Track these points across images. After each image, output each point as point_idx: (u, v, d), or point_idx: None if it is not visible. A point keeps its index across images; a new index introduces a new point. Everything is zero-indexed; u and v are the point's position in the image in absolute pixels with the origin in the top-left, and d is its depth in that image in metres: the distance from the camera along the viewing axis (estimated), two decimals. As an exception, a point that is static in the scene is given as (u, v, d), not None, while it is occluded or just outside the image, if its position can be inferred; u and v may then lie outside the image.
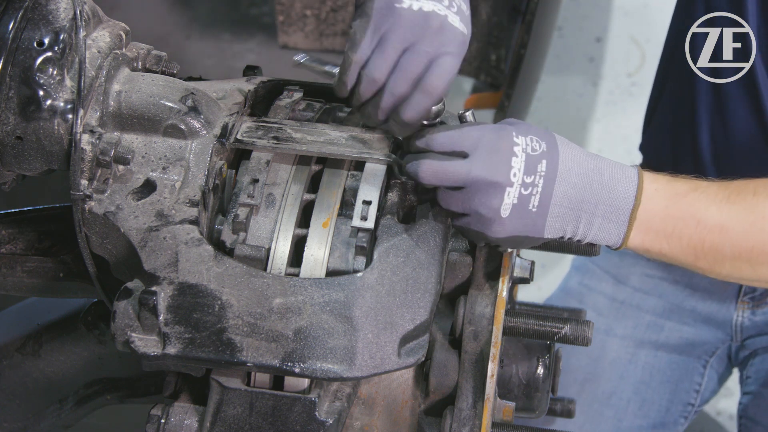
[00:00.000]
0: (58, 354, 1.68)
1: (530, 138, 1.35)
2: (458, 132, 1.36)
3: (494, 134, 1.35)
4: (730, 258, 1.43)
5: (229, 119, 1.44)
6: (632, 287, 2.12)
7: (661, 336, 2.09)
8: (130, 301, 1.31)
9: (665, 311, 2.09)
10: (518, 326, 1.45)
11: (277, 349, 1.28)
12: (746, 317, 2.04)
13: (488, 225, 1.35)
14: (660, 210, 1.40)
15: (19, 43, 1.36)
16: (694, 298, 2.07)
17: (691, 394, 2.10)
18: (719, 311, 2.06)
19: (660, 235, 1.41)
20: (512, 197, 1.34)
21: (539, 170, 1.34)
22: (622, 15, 3.77)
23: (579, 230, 1.38)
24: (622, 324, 2.10)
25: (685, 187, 1.42)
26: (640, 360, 2.08)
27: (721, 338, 2.08)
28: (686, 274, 2.07)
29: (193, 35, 3.53)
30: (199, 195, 1.39)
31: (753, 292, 2.03)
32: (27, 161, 1.39)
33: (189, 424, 1.36)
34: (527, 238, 1.38)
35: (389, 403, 1.43)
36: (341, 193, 1.41)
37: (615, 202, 1.37)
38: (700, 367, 2.09)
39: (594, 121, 3.57)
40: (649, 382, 2.08)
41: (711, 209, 1.41)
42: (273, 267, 1.36)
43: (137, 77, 1.43)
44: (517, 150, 1.34)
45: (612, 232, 1.39)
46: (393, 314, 1.31)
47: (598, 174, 1.37)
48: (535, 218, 1.35)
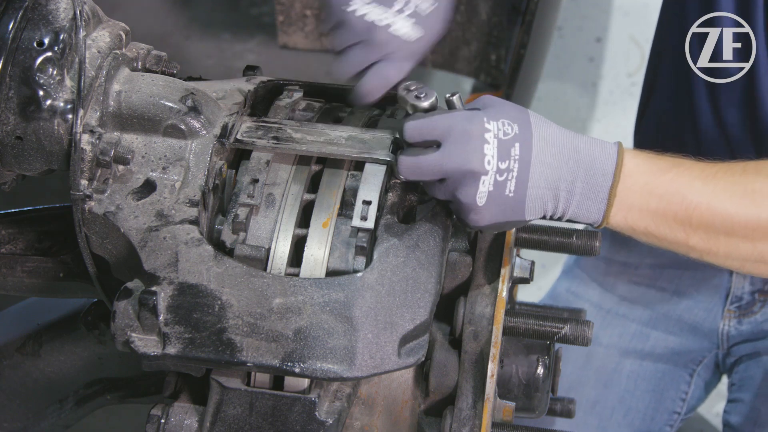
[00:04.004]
0: (58, 354, 1.68)
1: (502, 122, 1.33)
2: (427, 121, 1.36)
3: (465, 122, 1.34)
4: (724, 234, 1.38)
5: (229, 119, 1.44)
6: (619, 296, 2.10)
7: (647, 345, 2.07)
8: (130, 301, 1.30)
9: (651, 320, 2.08)
10: (518, 326, 1.45)
11: (277, 349, 1.28)
12: (732, 326, 2.02)
13: (467, 213, 1.35)
14: (641, 186, 1.36)
15: (19, 43, 1.36)
16: (681, 306, 2.05)
17: (677, 402, 2.08)
18: (706, 320, 2.04)
19: (643, 212, 1.37)
20: (487, 185, 1.32)
21: (513, 154, 1.32)
22: (622, 15, 3.77)
23: (558, 208, 1.36)
24: (608, 332, 2.08)
25: (668, 163, 1.39)
26: (625, 369, 2.07)
27: (707, 347, 2.06)
28: (673, 281, 2.06)
29: (193, 35, 3.53)
30: (199, 195, 1.39)
31: (740, 301, 2.01)
32: (27, 161, 1.39)
33: (189, 424, 1.36)
34: (509, 222, 1.36)
35: (389, 403, 1.43)
36: (341, 193, 1.41)
37: (592, 179, 1.35)
38: (687, 376, 2.07)
39: (594, 121, 3.57)
40: (633, 390, 2.06)
41: (695, 184, 1.37)
42: (273, 267, 1.36)
43: (137, 77, 1.43)
44: (488, 136, 1.32)
45: (592, 209, 1.37)
46: (393, 314, 1.31)
47: (574, 152, 1.35)
48: (513, 203, 1.34)
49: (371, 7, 1.43)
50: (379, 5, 1.43)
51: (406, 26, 1.43)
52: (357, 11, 1.43)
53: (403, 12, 1.43)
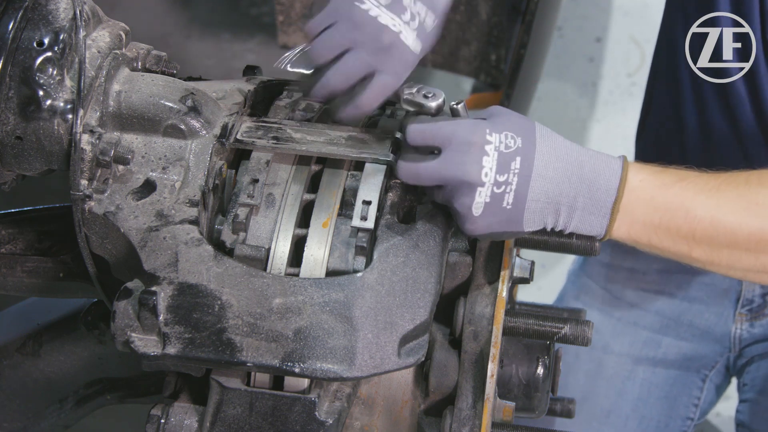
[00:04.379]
0: (58, 354, 1.68)
1: (505, 134, 1.33)
2: (431, 126, 1.35)
3: (467, 131, 1.33)
4: (727, 246, 1.39)
5: (229, 119, 1.44)
6: (628, 303, 2.09)
7: (658, 352, 2.06)
8: (130, 301, 1.30)
9: (662, 327, 2.07)
10: (518, 326, 1.45)
11: (277, 349, 1.28)
12: (744, 329, 2.02)
13: (463, 221, 1.35)
14: (645, 201, 1.37)
15: (19, 43, 1.36)
16: (691, 312, 2.05)
17: (690, 408, 2.07)
18: (717, 324, 2.03)
19: (647, 226, 1.37)
20: (484, 196, 1.32)
21: (513, 168, 1.32)
22: (622, 15, 3.77)
23: (559, 222, 1.37)
24: (619, 341, 2.07)
25: (673, 177, 1.39)
26: (638, 377, 2.06)
27: (719, 351, 2.05)
28: (682, 287, 2.05)
29: (193, 35, 3.53)
30: (199, 195, 1.39)
31: (750, 304, 2.01)
32: (27, 161, 1.39)
33: (189, 424, 1.36)
34: (506, 233, 1.37)
35: (389, 403, 1.43)
36: (341, 193, 1.41)
37: (595, 194, 1.35)
38: (699, 381, 2.07)
39: (594, 121, 3.57)
40: (647, 398, 2.06)
41: (699, 198, 1.37)
42: (273, 267, 1.36)
43: (137, 77, 1.43)
44: (488, 149, 1.32)
45: (594, 223, 1.37)
46: (393, 314, 1.31)
47: (578, 167, 1.35)
48: (511, 215, 1.34)
49: (385, 11, 1.38)
50: (391, 11, 1.38)
51: (411, 37, 1.40)
52: (371, 11, 1.38)
53: (410, 24, 1.39)
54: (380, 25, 1.37)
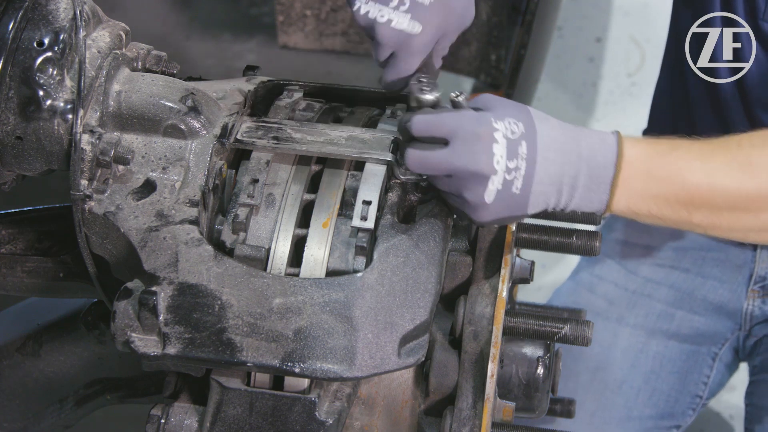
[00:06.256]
0: (58, 354, 1.68)
1: (508, 121, 1.34)
2: (436, 117, 1.36)
3: (473, 122, 1.34)
4: (726, 209, 1.41)
5: (229, 119, 1.44)
6: (643, 277, 2.11)
7: (672, 325, 2.09)
8: (130, 301, 1.30)
9: (676, 300, 2.09)
10: (518, 326, 1.45)
11: (277, 349, 1.28)
12: (756, 306, 2.04)
13: (473, 210, 1.35)
14: (642, 173, 1.38)
15: (19, 43, 1.36)
16: (705, 287, 2.07)
17: (699, 386, 2.10)
18: (730, 300, 2.06)
19: (645, 196, 1.39)
20: (497, 184, 1.33)
21: (521, 153, 1.33)
22: (622, 15, 3.77)
23: (561, 201, 1.38)
24: (634, 313, 2.10)
25: (667, 146, 1.40)
26: (651, 349, 2.08)
27: (731, 328, 2.08)
28: (696, 263, 2.07)
29: (193, 35, 3.53)
30: (199, 195, 1.39)
31: (763, 281, 2.03)
32: (27, 161, 1.39)
33: (189, 424, 1.36)
34: (512, 217, 1.38)
35: (389, 403, 1.43)
36: (341, 193, 1.41)
37: (595, 171, 1.36)
38: (710, 360, 2.10)
39: (594, 121, 3.57)
40: (659, 372, 2.08)
41: (695, 164, 1.39)
42: (273, 267, 1.36)
43: (137, 77, 1.43)
44: (498, 136, 1.33)
45: (594, 200, 1.38)
46: (393, 314, 1.31)
47: (576, 146, 1.36)
48: (519, 199, 1.35)
49: (370, 5, 1.44)
50: (377, 2, 1.44)
51: (404, 21, 1.43)
52: (360, 9, 1.44)
53: (399, 8, 1.43)
54: (369, 20, 1.44)
